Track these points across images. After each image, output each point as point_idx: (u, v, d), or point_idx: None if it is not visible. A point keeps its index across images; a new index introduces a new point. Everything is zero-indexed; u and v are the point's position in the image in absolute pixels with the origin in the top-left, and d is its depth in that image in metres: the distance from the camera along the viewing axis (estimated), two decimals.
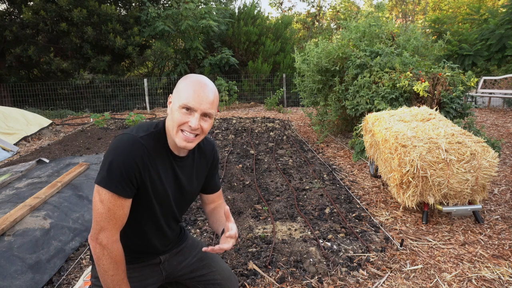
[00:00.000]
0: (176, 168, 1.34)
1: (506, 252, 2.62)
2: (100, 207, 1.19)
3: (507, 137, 6.13)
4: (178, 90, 1.23)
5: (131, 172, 1.19)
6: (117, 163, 1.18)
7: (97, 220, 1.20)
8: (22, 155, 5.82)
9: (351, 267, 2.44)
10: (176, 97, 1.23)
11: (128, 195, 1.21)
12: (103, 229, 1.20)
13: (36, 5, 10.14)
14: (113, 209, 1.19)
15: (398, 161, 3.00)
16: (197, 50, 12.05)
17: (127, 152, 1.19)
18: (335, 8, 21.14)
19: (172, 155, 1.32)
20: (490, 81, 9.66)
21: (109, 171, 1.18)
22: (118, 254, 1.23)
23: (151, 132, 1.27)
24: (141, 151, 1.21)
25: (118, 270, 1.23)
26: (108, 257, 1.21)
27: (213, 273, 1.54)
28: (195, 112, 1.21)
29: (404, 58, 5.18)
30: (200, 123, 1.22)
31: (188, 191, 1.41)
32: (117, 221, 1.21)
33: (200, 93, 1.20)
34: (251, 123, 8.39)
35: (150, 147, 1.24)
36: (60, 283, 2.33)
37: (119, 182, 1.18)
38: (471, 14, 12.54)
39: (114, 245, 1.21)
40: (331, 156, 5.35)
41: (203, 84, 1.22)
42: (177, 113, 1.21)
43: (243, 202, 3.57)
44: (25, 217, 2.81)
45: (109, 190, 1.18)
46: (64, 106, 11.61)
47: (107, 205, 1.19)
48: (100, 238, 1.20)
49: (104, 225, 1.20)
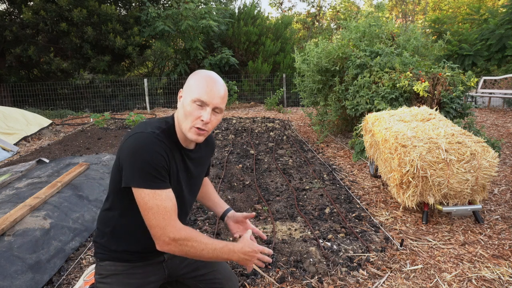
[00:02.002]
0: (187, 161, 1.37)
1: (506, 252, 2.62)
2: (149, 210, 1.19)
3: (507, 137, 6.13)
4: (189, 85, 1.26)
5: (162, 165, 1.21)
6: (148, 161, 1.18)
7: (155, 223, 1.19)
8: (22, 155, 5.83)
9: (351, 267, 2.44)
10: (187, 92, 1.25)
11: (167, 186, 1.23)
12: (164, 228, 1.19)
13: (36, 5, 10.14)
14: (162, 204, 1.19)
15: (398, 161, 3.00)
16: (197, 50, 12.06)
17: (152, 149, 1.20)
18: (335, 8, 21.14)
19: (183, 149, 1.34)
20: (490, 81, 9.66)
21: (143, 172, 1.18)
22: (189, 233, 1.21)
23: (164, 129, 1.29)
24: (162, 146, 1.23)
25: (202, 243, 1.22)
26: (187, 242, 1.21)
27: (214, 273, 1.54)
28: (207, 106, 1.23)
29: (404, 58, 5.18)
30: (211, 117, 1.25)
31: (196, 182, 1.46)
32: (171, 213, 1.21)
33: (212, 87, 1.23)
34: (251, 123, 8.39)
35: (167, 144, 1.27)
36: (60, 283, 2.33)
37: (157, 178, 1.19)
38: (471, 14, 12.54)
39: (181, 232, 1.20)
40: (331, 156, 5.35)
41: (214, 79, 1.25)
42: (189, 107, 1.23)
43: (243, 202, 3.57)
44: (25, 217, 2.81)
45: (151, 189, 1.18)
46: (64, 106, 11.62)
47: (155, 203, 1.18)
48: (168, 238, 1.19)
49: (163, 223, 1.19)
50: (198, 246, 1.22)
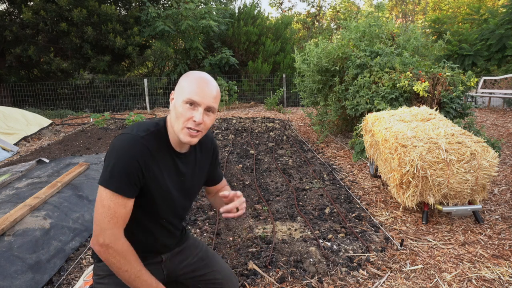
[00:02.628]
0: (179, 165, 1.34)
1: (506, 252, 2.62)
2: (100, 207, 1.19)
3: (507, 137, 6.13)
4: (181, 86, 1.25)
5: (134, 172, 1.20)
6: (120, 163, 1.18)
7: (98, 221, 1.20)
8: (22, 155, 5.83)
9: (351, 267, 2.44)
10: (179, 93, 1.24)
11: (130, 195, 1.21)
12: (104, 230, 1.19)
13: (36, 5, 10.14)
14: (114, 207, 1.19)
15: (398, 161, 3.00)
16: (197, 50, 12.06)
17: (129, 153, 1.19)
18: (335, 8, 21.14)
19: (175, 153, 1.32)
20: (490, 81, 9.66)
21: (111, 172, 1.18)
22: (125, 249, 1.22)
23: (152, 131, 1.27)
24: (143, 151, 1.21)
25: (130, 263, 1.22)
26: (115, 255, 1.20)
27: (213, 273, 1.54)
28: (199, 107, 1.22)
29: (404, 58, 5.18)
30: (204, 118, 1.23)
31: (191, 187, 1.42)
32: (118, 219, 1.20)
33: (204, 87, 1.22)
34: (251, 123, 8.39)
35: (152, 147, 1.24)
36: (60, 283, 2.33)
37: (122, 182, 1.18)
38: (471, 14, 12.54)
39: (117, 243, 1.20)
40: (331, 156, 5.35)
41: (205, 79, 1.24)
42: (181, 108, 1.21)
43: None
44: (25, 217, 2.81)
45: (111, 190, 1.18)
46: (64, 106, 11.61)
47: (108, 204, 1.19)
48: (101, 240, 1.19)
49: (105, 225, 1.19)
50: (124, 265, 1.21)
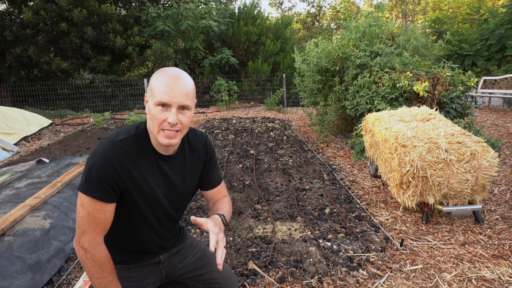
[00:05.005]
0: (164, 168, 1.31)
1: (506, 252, 2.62)
2: (81, 211, 1.20)
3: (507, 137, 6.13)
4: (151, 87, 1.20)
5: (110, 177, 1.18)
6: (95, 168, 1.17)
7: (79, 224, 1.20)
8: (22, 155, 5.82)
9: (351, 267, 2.44)
10: (150, 95, 1.20)
11: (108, 200, 1.20)
12: (85, 233, 1.20)
13: (36, 5, 10.14)
14: (93, 213, 1.19)
15: (398, 161, 3.00)
16: (197, 50, 12.05)
17: (105, 157, 1.18)
18: (335, 8, 21.14)
19: (158, 155, 1.29)
20: (490, 81, 9.66)
21: (88, 177, 1.18)
22: (101, 257, 1.22)
23: (132, 134, 1.25)
24: (119, 155, 1.20)
25: (103, 273, 1.22)
26: (91, 260, 1.20)
27: (212, 272, 1.53)
28: (171, 107, 1.17)
29: (404, 58, 5.18)
30: (179, 118, 1.18)
31: (182, 189, 1.38)
32: (98, 225, 1.20)
33: (172, 86, 1.16)
34: (251, 123, 8.39)
35: (131, 150, 1.22)
36: (60, 283, 2.33)
37: (98, 187, 1.18)
38: (471, 14, 12.54)
39: (96, 249, 1.20)
40: (331, 156, 5.35)
41: (174, 76, 1.17)
42: (154, 111, 1.18)
43: (243, 202, 3.57)
44: (25, 217, 2.81)
45: (87, 195, 1.18)
46: (64, 106, 11.61)
47: (87, 209, 1.19)
48: (82, 242, 1.20)
49: (85, 229, 1.20)
50: (97, 273, 1.21)
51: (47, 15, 10.20)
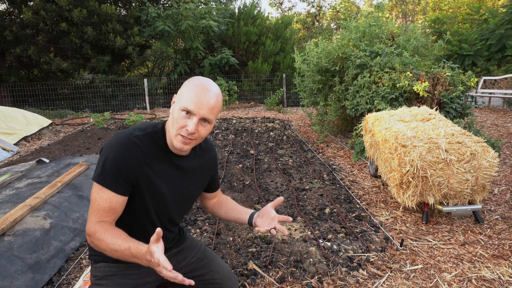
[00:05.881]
0: (175, 169, 1.34)
1: (506, 252, 2.62)
2: (92, 199, 1.23)
3: (507, 137, 6.13)
4: (181, 92, 1.23)
5: (123, 169, 1.21)
6: (110, 160, 1.20)
7: (91, 212, 1.23)
8: (22, 155, 5.82)
9: (351, 267, 2.44)
10: (178, 99, 1.23)
11: (117, 190, 1.22)
12: (90, 220, 1.22)
13: (36, 5, 10.14)
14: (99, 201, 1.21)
15: (398, 161, 3.00)
16: (197, 50, 12.06)
17: (121, 151, 1.21)
18: (335, 8, 21.14)
19: (172, 155, 1.32)
20: (490, 81, 9.66)
21: (103, 168, 1.21)
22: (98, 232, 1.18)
23: (148, 132, 1.28)
24: (134, 149, 1.22)
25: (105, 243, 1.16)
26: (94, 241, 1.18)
27: (212, 273, 1.54)
28: (194, 116, 1.20)
29: (404, 58, 5.18)
30: (198, 128, 1.21)
31: (188, 192, 1.41)
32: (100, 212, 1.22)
33: (201, 97, 1.19)
34: (251, 123, 8.39)
35: (145, 147, 1.25)
36: (60, 283, 2.33)
37: (111, 177, 1.20)
38: (471, 14, 12.54)
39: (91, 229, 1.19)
40: (331, 156, 5.35)
41: (205, 88, 1.21)
42: (177, 115, 1.21)
43: (243, 202, 3.57)
44: (25, 217, 2.81)
45: (101, 184, 1.21)
46: (64, 106, 11.62)
47: (95, 196, 1.22)
48: (88, 229, 1.21)
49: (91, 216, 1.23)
50: (101, 245, 1.18)
51: (47, 15, 10.20)
